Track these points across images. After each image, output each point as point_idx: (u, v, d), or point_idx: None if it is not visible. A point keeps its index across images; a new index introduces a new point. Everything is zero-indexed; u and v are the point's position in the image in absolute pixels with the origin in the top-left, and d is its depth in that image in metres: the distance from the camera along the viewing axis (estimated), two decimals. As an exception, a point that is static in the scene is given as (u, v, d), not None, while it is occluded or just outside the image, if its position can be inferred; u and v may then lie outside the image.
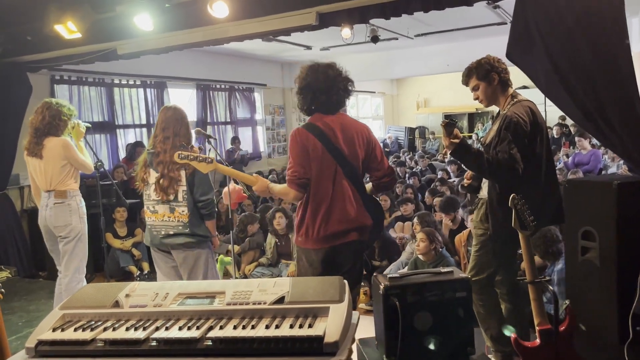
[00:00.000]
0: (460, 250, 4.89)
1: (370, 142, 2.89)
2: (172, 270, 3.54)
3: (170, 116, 3.45)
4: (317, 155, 2.75)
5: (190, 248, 3.39)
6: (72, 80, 7.59)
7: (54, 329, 1.81)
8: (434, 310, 2.34)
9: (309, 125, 2.83)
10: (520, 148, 2.77)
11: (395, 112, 18.96)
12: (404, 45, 10.62)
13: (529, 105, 2.92)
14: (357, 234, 2.81)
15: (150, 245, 3.53)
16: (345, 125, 2.83)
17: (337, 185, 2.77)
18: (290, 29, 4.71)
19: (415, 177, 8.49)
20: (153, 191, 3.41)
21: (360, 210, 2.82)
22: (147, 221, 3.45)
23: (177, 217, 3.37)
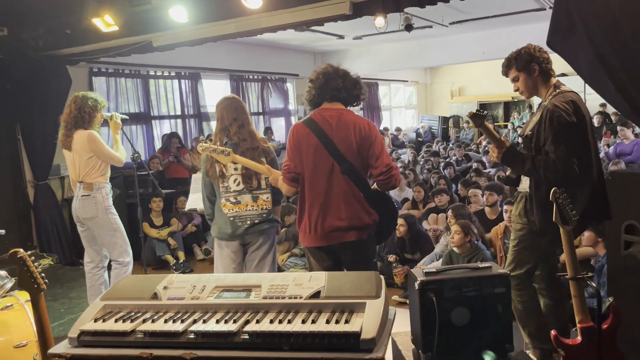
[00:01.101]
0: (496, 243, 4.80)
1: (369, 137, 2.81)
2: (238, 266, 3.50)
3: (236, 104, 3.47)
4: (312, 150, 2.75)
5: (269, 234, 3.46)
6: (109, 72, 7.74)
7: (95, 320, 1.86)
8: (471, 305, 2.30)
9: (307, 119, 2.84)
10: (570, 144, 2.68)
11: (429, 101, 18.70)
12: (438, 33, 10.42)
13: (571, 96, 2.82)
14: (357, 232, 2.77)
15: (227, 238, 3.45)
16: (343, 120, 2.80)
17: (334, 181, 2.75)
18: (324, 19, 4.67)
19: (450, 168, 8.36)
20: (234, 182, 3.39)
21: (360, 207, 2.78)
22: (229, 213, 3.39)
23: (260, 205, 3.39)
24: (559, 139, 2.69)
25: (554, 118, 2.72)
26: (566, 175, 2.67)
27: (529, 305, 3.00)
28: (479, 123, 2.79)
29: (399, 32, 8.54)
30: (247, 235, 3.42)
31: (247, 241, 3.46)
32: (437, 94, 18.50)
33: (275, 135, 11.05)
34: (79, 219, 4.18)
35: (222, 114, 3.43)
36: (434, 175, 7.58)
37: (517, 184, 3.07)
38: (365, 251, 2.86)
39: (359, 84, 2.91)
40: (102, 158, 4.11)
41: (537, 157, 2.77)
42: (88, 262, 4.33)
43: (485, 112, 2.87)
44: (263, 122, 11.08)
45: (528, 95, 3.01)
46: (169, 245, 6.40)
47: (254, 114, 10.87)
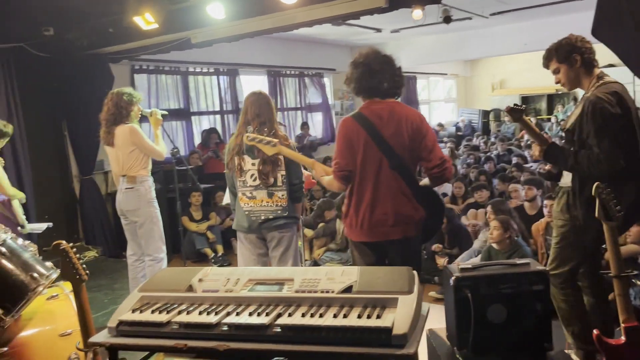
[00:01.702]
0: (537, 239, 4.67)
1: (420, 131, 2.75)
2: (259, 257, 3.56)
3: (262, 101, 3.47)
4: (362, 146, 2.70)
5: (286, 230, 3.46)
6: (150, 69, 7.91)
7: (133, 310, 1.91)
8: (508, 303, 2.24)
9: (357, 114, 2.78)
10: (614, 137, 2.57)
11: (469, 94, 18.33)
12: (478, 25, 10.19)
13: (614, 87, 2.68)
14: (404, 228, 2.72)
15: (244, 231, 3.51)
16: (394, 113, 2.74)
17: (382, 176, 2.70)
18: (360, 13, 4.65)
19: (490, 162, 8.19)
20: (250, 177, 3.43)
21: (409, 203, 2.73)
22: (245, 207, 3.45)
23: (275, 201, 3.41)
24: (603, 132, 2.59)
25: (596, 110, 2.61)
26: (611, 169, 2.57)
27: (573, 304, 2.91)
28: (517, 117, 2.72)
29: (438, 24, 8.40)
30: (263, 230, 3.44)
31: (265, 236, 3.48)
32: (477, 87, 18.11)
33: (313, 130, 11.07)
34: (122, 212, 4.30)
35: (247, 108, 3.46)
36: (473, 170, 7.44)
37: (558, 179, 2.98)
38: (412, 249, 2.83)
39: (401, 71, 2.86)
40: (144, 151, 4.20)
41: (580, 152, 2.67)
42: (131, 255, 4.45)
43: (524, 106, 2.79)
44: (301, 117, 11.11)
45: (570, 87, 2.90)
46: (208, 238, 6.52)
47: (291, 109, 10.91)
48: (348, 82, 2.85)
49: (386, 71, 2.76)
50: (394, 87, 2.80)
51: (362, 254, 2.84)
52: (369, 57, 2.77)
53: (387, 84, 2.77)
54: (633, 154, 2.65)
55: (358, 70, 2.78)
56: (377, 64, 2.75)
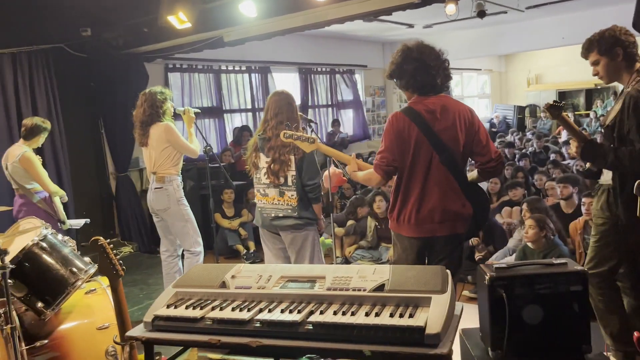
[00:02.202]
0: (575, 238, 4.55)
1: (473, 125, 2.71)
2: (279, 251, 3.64)
3: (282, 101, 3.50)
4: (413, 142, 2.65)
5: (298, 230, 3.47)
6: (183, 68, 8.03)
7: (168, 306, 1.94)
8: (544, 303, 2.18)
9: (408, 109, 2.72)
10: None
11: (504, 90, 17.97)
12: (513, 19, 9.97)
13: None
14: (452, 224, 2.68)
15: (260, 226, 3.65)
16: (446, 108, 2.69)
17: (433, 172, 2.66)
18: (392, 8, 4.62)
19: (525, 159, 8.01)
20: (264, 175, 3.50)
21: (457, 199, 2.69)
22: (258, 204, 3.57)
23: (286, 200, 3.45)
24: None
25: (638, 105, 2.52)
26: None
27: (612, 304, 2.83)
28: (556, 114, 2.64)
29: (472, 19, 8.25)
30: (276, 227, 3.50)
31: (278, 232, 3.53)
32: (512, 83, 17.75)
33: (344, 127, 11.04)
34: (153, 210, 4.37)
35: (268, 106, 3.52)
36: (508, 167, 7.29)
37: (597, 177, 2.89)
38: (456, 246, 2.79)
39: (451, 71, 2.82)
40: (177, 148, 4.25)
41: (621, 149, 2.58)
42: (164, 251, 4.53)
43: (563, 102, 2.71)
44: (332, 114, 11.10)
45: (608, 80, 2.81)
46: (240, 235, 6.59)
47: (323, 107, 10.91)
48: (398, 75, 2.76)
49: (440, 66, 2.71)
50: (445, 82, 2.77)
51: (404, 249, 2.80)
52: (423, 52, 2.69)
53: (441, 79, 2.73)
54: None
55: (412, 65, 2.69)
56: (432, 59, 2.69)
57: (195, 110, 4.55)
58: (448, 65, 2.76)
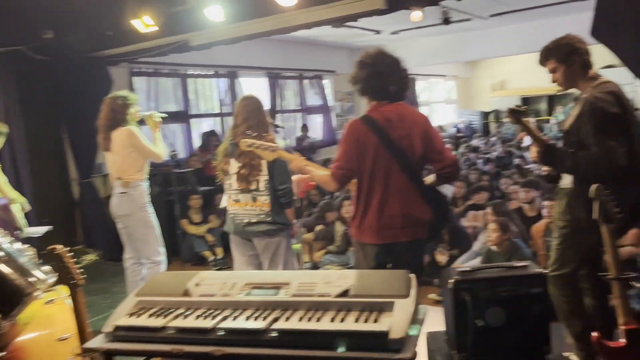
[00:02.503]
0: (537, 241, 4.66)
1: (428, 133, 2.75)
2: (250, 258, 3.57)
3: (252, 105, 3.47)
4: (371, 149, 2.68)
5: (271, 236, 3.44)
6: (149, 72, 7.91)
7: (129, 315, 1.90)
8: (507, 306, 2.23)
9: (366, 117, 2.76)
10: (613, 136, 2.55)
11: (469, 96, 18.32)
12: (478, 26, 10.19)
13: (611, 87, 2.68)
14: (413, 230, 2.71)
15: (232, 233, 3.57)
16: (403, 116, 2.73)
17: (392, 179, 2.69)
18: (359, 15, 4.66)
19: (490, 164, 8.18)
20: (235, 181, 3.45)
21: (418, 205, 2.72)
22: (230, 210, 3.49)
23: (258, 206, 3.41)
24: (602, 131, 2.57)
25: (595, 110, 2.60)
26: (611, 169, 2.55)
27: (575, 305, 2.89)
28: (517, 119, 2.70)
29: (437, 25, 8.39)
30: (248, 234, 3.45)
31: (251, 238, 3.49)
32: (477, 89, 18.11)
33: (312, 132, 11.06)
34: (116, 216, 4.28)
35: (237, 112, 3.48)
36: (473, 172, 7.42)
37: (557, 181, 2.97)
38: (417, 251, 2.82)
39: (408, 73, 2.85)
40: (142, 153, 4.18)
41: (579, 154, 2.66)
42: (128, 258, 4.44)
43: (525, 107, 2.77)
44: (301, 119, 11.11)
45: (566, 87, 2.89)
46: (207, 241, 6.50)
47: (291, 112, 10.91)
48: (354, 81, 2.82)
49: (394, 74, 2.74)
50: (401, 90, 2.79)
51: (366, 255, 2.81)
52: (377, 59, 2.74)
53: (395, 87, 2.75)
54: (631, 153, 2.64)
55: (365, 71, 2.74)
56: (385, 66, 2.72)
57: (161, 115, 4.49)
58: (405, 74, 2.79)
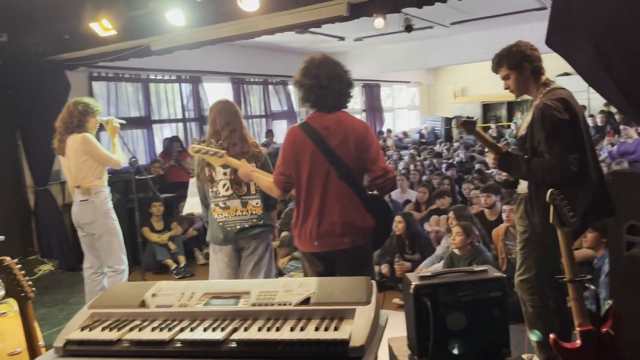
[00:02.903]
0: (498, 244, 4.75)
1: (365, 142, 2.73)
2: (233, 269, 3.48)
3: (230, 109, 3.42)
4: (309, 156, 2.68)
5: (262, 238, 3.41)
6: (109, 77, 7.74)
7: (82, 328, 1.82)
8: (467, 310, 2.25)
9: (304, 124, 2.75)
10: (564, 143, 2.62)
11: (432, 102, 18.64)
12: (439, 33, 10.38)
13: (561, 94, 2.74)
14: (353, 238, 2.70)
15: (220, 242, 3.42)
16: (340, 124, 2.72)
17: (330, 186, 2.69)
18: (321, 21, 4.66)
19: (453, 169, 8.31)
20: (223, 187, 3.35)
21: (358, 212, 2.71)
22: (218, 218, 3.36)
23: (250, 210, 3.35)
24: (553, 138, 2.64)
25: (545, 117, 2.66)
26: (564, 174, 2.61)
27: (540, 309, 2.93)
28: (470, 130, 2.74)
29: (400, 33, 8.50)
30: (240, 240, 3.38)
31: (241, 246, 3.42)
32: (440, 95, 18.44)
33: (277, 138, 11.02)
34: (78, 224, 4.18)
35: (215, 117, 3.41)
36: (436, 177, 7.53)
37: (515, 187, 3.03)
38: (361, 258, 2.79)
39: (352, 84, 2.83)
40: (99, 160, 4.09)
41: (533, 160, 2.72)
42: (87, 268, 4.32)
43: (475, 118, 2.81)
44: (265, 125, 11.06)
45: (518, 93, 2.96)
46: (170, 249, 6.39)
47: (256, 117, 10.86)
48: (297, 86, 2.80)
49: (333, 86, 2.71)
50: (339, 103, 2.77)
51: (311, 264, 2.81)
52: (319, 69, 2.71)
53: (333, 99, 2.73)
54: (583, 159, 2.71)
55: (307, 80, 2.72)
56: (326, 79, 2.69)
57: (120, 121, 4.40)
58: (345, 86, 2.76)
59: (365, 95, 14.43)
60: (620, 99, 3.04)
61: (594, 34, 3.02)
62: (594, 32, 3.02)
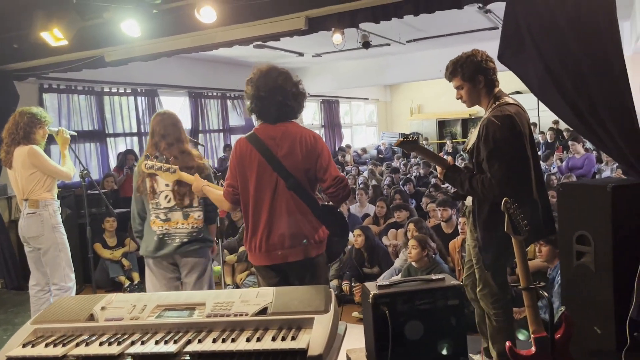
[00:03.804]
0: (454, 256, 4.82)
1: (314, 151, 2.70)
2: (170, 281, 3.39)
3: (167, 121, 3.35)
4: (256, 167, 2.66)
5: (201, 255, 3.33)
6: (60, 88, 7.51)
7: (24, 345, 1.73)
8: (425, 319, 2.26)
9: (251, 135, 2.73)
10: (505, 162, 2.64)
11: (389, 119, 18.95)
12: (396, 51, 10.59)
13: (508, 110, 2.74)
14: (304, 249, 2.66)
15: (155, 256, 3.32)
16: (287, 134, 2.69)
17: (279, 197, 2.66)
18: (279, 34, 4.66)
19: (409, 184, 8.43)
20: (164, 199, 3.28)
21: (308, 223, 2.68)
22: (158, 231, 3.27)
23: (191, 223, 3.27)
24: (494, 157, 2.66)
25: (489, 134, 2.68)
26: (502, 194, 2.54)
27: (502, 322, 2.94)
28: (410, 149, 2.75)
29: (358, 49, 8.62)
30: (177, 255, 3.29)
31: (178, 261, 3.33)
32: (397, 112, 18.78)
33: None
34: (25, 239, 4.01)
35: (154, 129, 3.35)
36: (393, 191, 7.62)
37: (464, 199, 3.06)
38: (314, 270, 2.74)
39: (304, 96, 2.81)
40: (47, 173, 3.95)
41: (475, 177, 2.74)
42: (33, 285, 4.14)
43: (413, 136, 2.81)
44: (223, 139, 10.96)
45: (470, 104, 2.97)
46: (123, 266, 6.18)
47: (214, 131, 10.75)
48: (246, 97, 2.77)
49: (274, 97, 2.67)
50: (283, 114, 2.72)
51: (265, 278, 2.76)
52: (260, 81, 2.68)
53: (275, 110, 2.70)
54: (526, 177, 2.74)
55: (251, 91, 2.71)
56: (265, 90, 2.66)
57: (71, 132, 4.27)
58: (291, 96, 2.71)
59: (324, 111, 14.53)
60: (569, 114, 3.15)
61: (542, 52, 3.13)
62: (542, 50, 3.13)
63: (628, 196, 2.90)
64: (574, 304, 3.09)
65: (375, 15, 4.19)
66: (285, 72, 2.74)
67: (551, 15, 3.04)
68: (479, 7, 6.77)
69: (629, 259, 2.85)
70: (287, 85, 2.69)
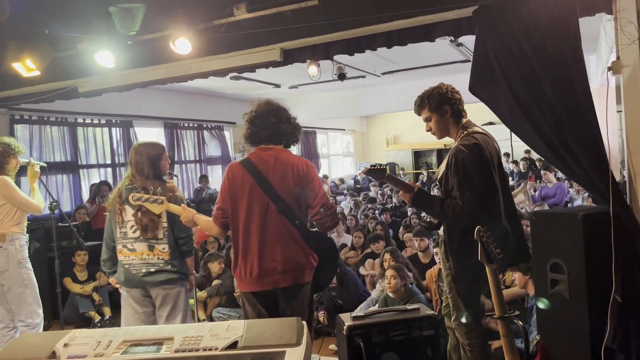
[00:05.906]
0: (431, 286, 4.80)
1: (306, 178, 2.77)
2: (144, 315, 3.33)
3: (144, 153, 3.33)
4: (248, 190, 2.69)
5: (171, 286, 3.26)
6: (32, 119, 7.39)
7: (-20, 386, 1.64)
8: (400, 349, 2.22)
9: (244, 160, 2.81)
10: (474, 190, 2.66)
11: (366, 149, 19.13)
12: (371, 83, 10.75)
13: (476, 138, 2.78)
14: (295, 275, 2.67)
15: (126, 286, 3.30)
16: (280, 160, 2.77)
17: (270, 221, 2.68)
18: (255, 65, 4.68)
19: (386, 213, 8.45)
20: (130, 228, 3.25)
21: (299, 249, 2.69)
22: (124, 261, 3.25)
23: (157, 254, 3.23)
24: (464, 185, 2.68)
25: (458, 163, 2.71)
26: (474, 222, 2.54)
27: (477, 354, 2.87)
28: (380, 177, 2.78)
29: (334, 81, 8.73)
30: (147, 285, 3.25)
31: (149, 292, 3.28)
32: (373, 142, 18.98)
33: (212, 183, 10.85)
34: None
35: (132, 160, 3.35)
36: (371, 221, 7.62)
37: (438, 228, 3.05)
38: (303, 297, 2.73)
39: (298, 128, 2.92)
40: (17, 205, 3.86)
41: (446, 201, 2.76)
42: None
43: (381, 165, 2.82)
44: (200, 170, 10.89)
45: (440, 136, 3.01)
46: (94, 300, 6.00)
47: (191, 162, 10.67)
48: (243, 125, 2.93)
49: (268, 119, 2.81)
50: (277, 135, 2.83)
51: (253, 305, 2.73)
52: (256, 108, 2.88)
53: (270, 131, 2.81)
54: (495, 205, 2.76)
55: (247, 118, 2.88)
56: (260, 113, 2.84)
57: (40, 164, 4.19)
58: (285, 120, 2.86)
59: (302, 142, 14.61)
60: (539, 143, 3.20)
61: (511, 82, 3.20)
62: (511, 80, 3.20)
63: (599, 224, 2.92)
64: (550, 333, 3.08)
65: (350, 48, 4.24)
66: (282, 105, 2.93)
67: (518, 46, 3.12)
68: (450, 41, 6.95)
69: (602, 286, 2.87)
70: (282, 110, 2.85)
